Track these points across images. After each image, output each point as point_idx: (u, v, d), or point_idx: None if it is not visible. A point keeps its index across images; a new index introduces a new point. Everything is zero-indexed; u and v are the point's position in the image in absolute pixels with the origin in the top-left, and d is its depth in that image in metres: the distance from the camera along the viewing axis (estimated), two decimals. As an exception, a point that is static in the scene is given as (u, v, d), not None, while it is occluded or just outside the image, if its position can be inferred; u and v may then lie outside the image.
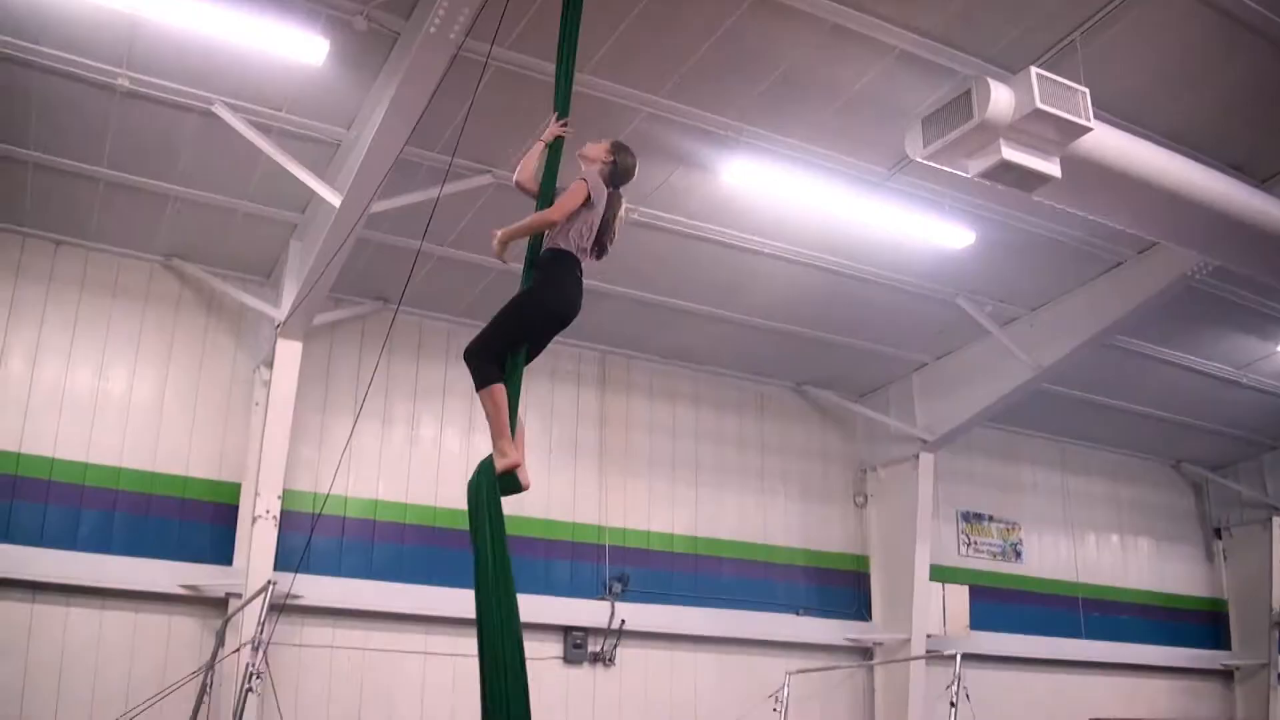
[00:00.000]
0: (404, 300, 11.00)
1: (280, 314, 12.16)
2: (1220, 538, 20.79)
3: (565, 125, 6.61)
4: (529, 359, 6.30)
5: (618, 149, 6.76)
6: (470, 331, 14.56)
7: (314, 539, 11.56)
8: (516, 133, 10.68)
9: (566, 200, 6.31)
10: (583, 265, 6.40)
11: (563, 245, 6.31)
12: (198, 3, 8.78)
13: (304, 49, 9.32)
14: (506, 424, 5.94)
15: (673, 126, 10.72)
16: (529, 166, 6.66)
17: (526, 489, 6.06)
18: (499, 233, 6.36)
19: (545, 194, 6.47)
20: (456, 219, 11.92)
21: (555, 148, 6.59)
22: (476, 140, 10.49)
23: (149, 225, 12.36)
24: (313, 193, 10.88)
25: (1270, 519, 19.93)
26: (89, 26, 9.25)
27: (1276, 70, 9.90)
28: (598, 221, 6.48)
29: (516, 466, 5.92)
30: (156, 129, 10.69)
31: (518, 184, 6.77)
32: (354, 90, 10.17)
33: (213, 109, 10.22)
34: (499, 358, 6.04)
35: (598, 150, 6.68)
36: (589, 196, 6.35)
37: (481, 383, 5.97)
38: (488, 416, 6.01)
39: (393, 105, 9.34)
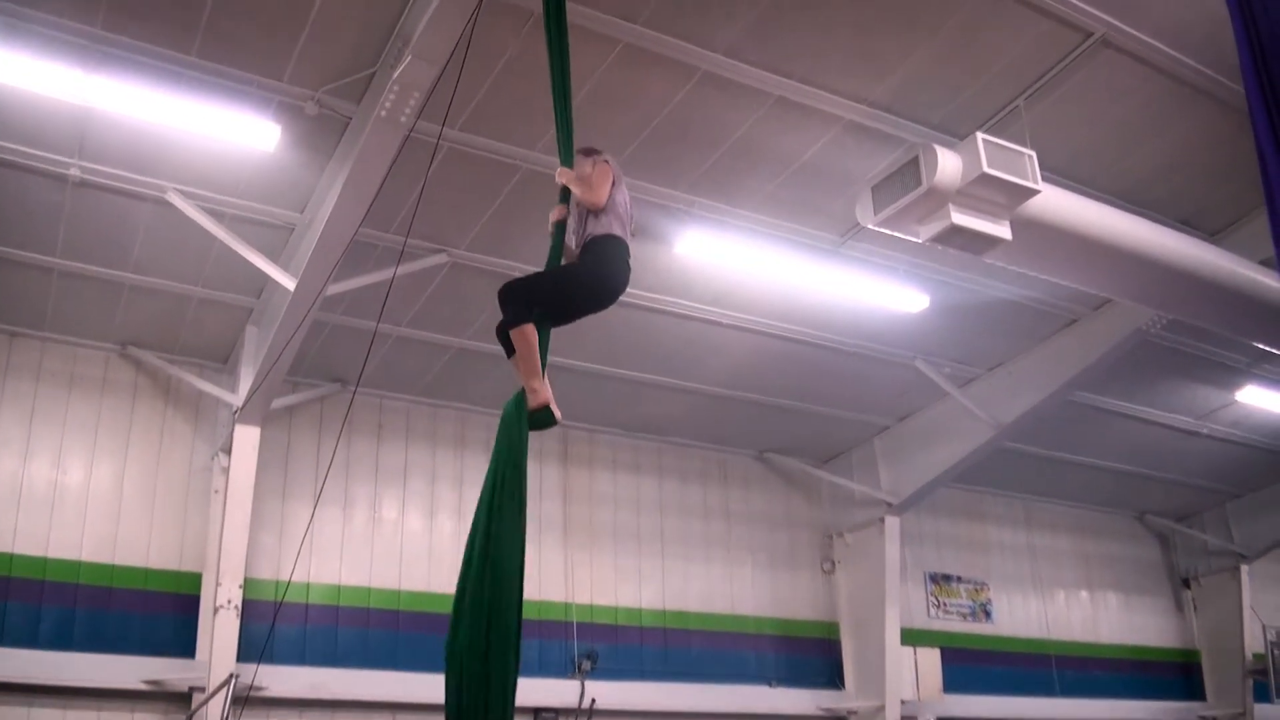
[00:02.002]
0: (362, 381, 10.98)
1: (238, 399, 12.08)
2: (1189, 588, 20.84)
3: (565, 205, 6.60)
4: (556, 324, 6.37)
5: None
6: (430, 411, 14.55)
7: (277, 627, 11.39)
8: (470, 212, 10.74)
9: (599, 182, 6.45)
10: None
11: (616, 231, 6.41)
12: (149, 92, 8.80)
13: (256, 135, 9.36)
14: (538, 362, 6.02)
15: (626, 200, 10.78)
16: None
17: (558, 422, 6.12)
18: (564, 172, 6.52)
19: (556, 240, 6.53)
20: (413, 299, 11.92)
21: (560, 227, 6.61)
22: (430, 220, 10.54)
23: (104, 314, 12.28)
24: (268, 277, 10.87)
25: (1238, 567, 20.03)
26: (40, 118, 9.24)
27: (1221, 126, 10.09)
28: (630, 201, 6.69)
29: (548, 403, 5.98)
30: (110, 218, 10.66)
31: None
32: (307, 174, 10.20)
33: (166, 196, 10.21)
34: (529, 306, 6.09)
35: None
36: (615, 177, 6.55)
37: (514, 320, 6.03)
38: (518, 356, 6.06)
39: (346, 188, 9.36)
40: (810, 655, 16.42)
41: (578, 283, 6.36)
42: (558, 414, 6.05)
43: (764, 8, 8.65)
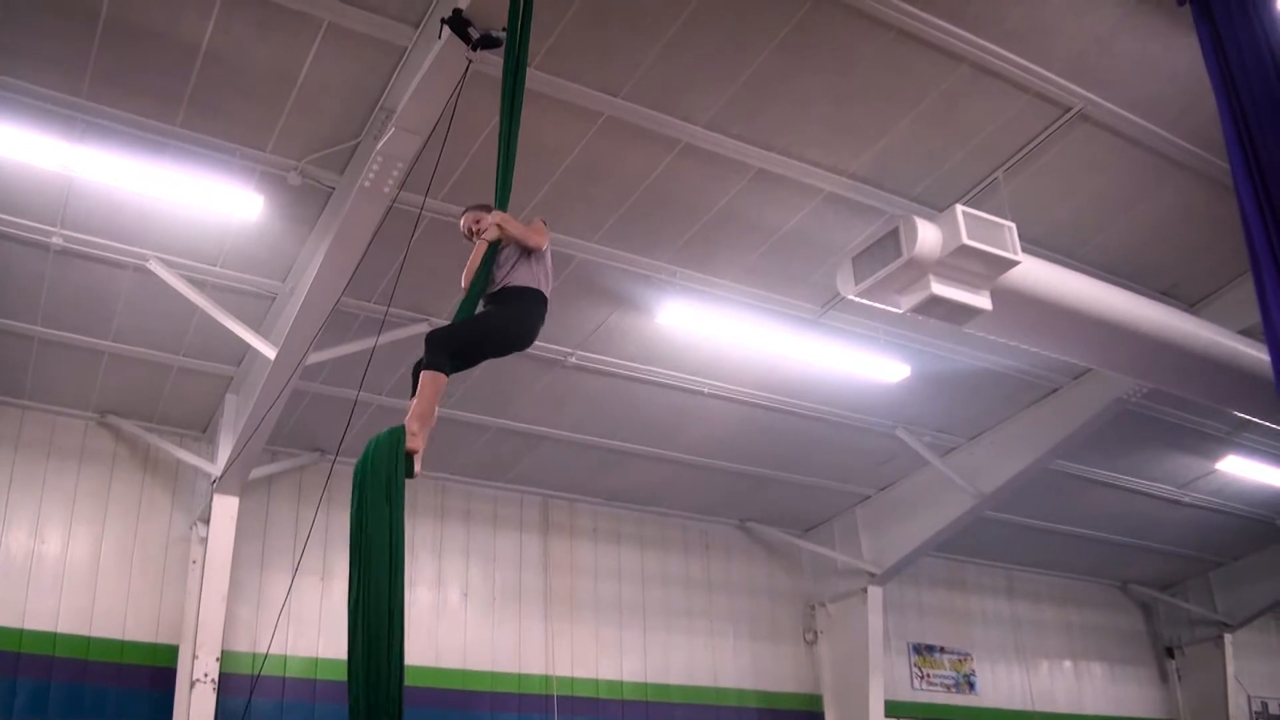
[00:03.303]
0: (342, 451, 10.87)
1: (216, 469, 12.00)
2: (1173, 657, 20.72)
3: (501, 227, 6.48)
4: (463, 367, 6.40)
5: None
6: (409, 481, 14.34)
7: (253, 701, 11.23)
8: (452, 282, 10.65)
9: (540, 233, 6.54)
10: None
11: (540, 286, 6.47)
12: (132, 161, 8.82)
13: (238, 205, 9.39)
14: (433, 411, 6.05)
15: (608, 271, 10.83)
16: (472, 269, 6.57)
17: (415, 477, 5.93)
18: (500, 221, 6.40)
19: (474, 292, 6.45)
20: (393, 368, 11.86)
21: (493, 247, 6.51)
22: (412, 289, 10.53)
23: (84, 382, 12.21)
24: (248, 346, 10.84)
25: (1222, 636, 19.95)
26: (23, 186, 9.25)
27: (1199, 198, 10.24)
28: (552, 268, 6.70)
29: (416, 452, 5.89)
30: (91, 286, 10.64)
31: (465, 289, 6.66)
32: (289, 243, 10.21)
33: (147, 265, 10.20)
34: (452, 356, 6.15)
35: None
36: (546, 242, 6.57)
37: (433, 365, 6.06)
38: (421, 398, 6.02)
39: (328, 258, 9.37)
40: (794, 728, 16.25)
41: (497, 331, 6.42)
42: (418, 468, 5.95)
43: (744, 82, 8.74)
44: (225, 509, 12.01)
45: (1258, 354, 10.33)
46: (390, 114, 8.30)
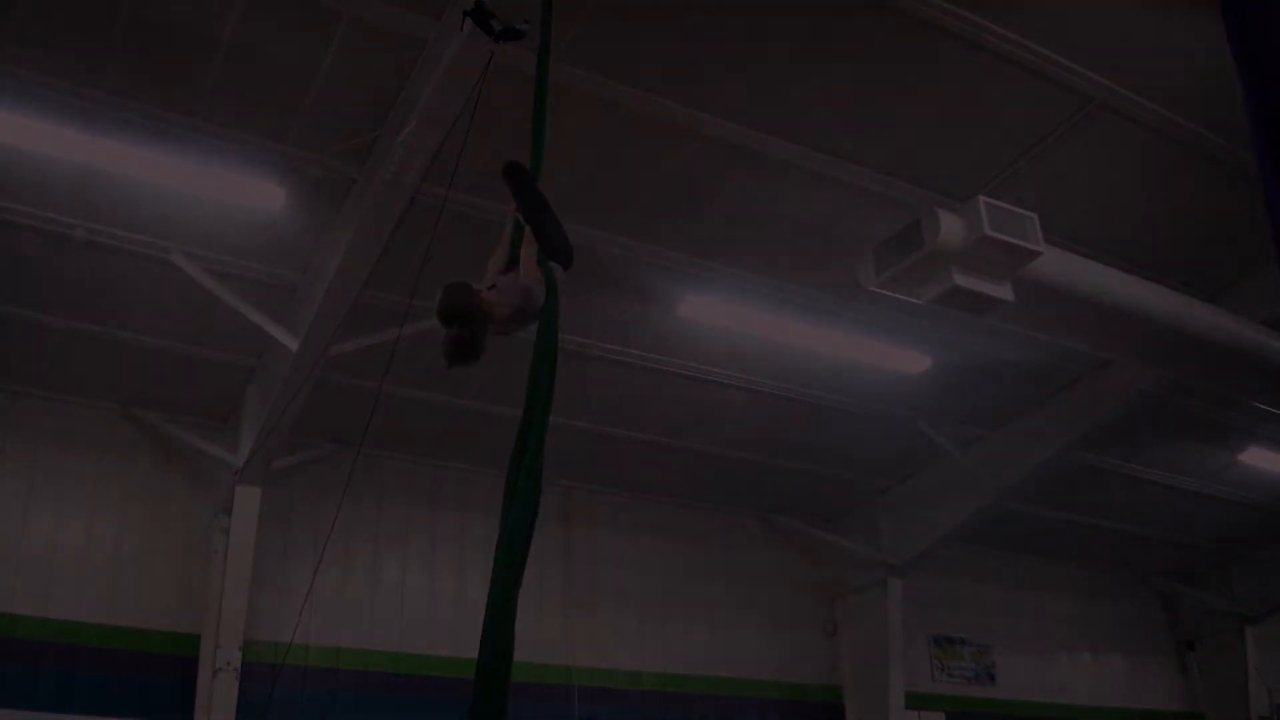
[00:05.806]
0: (364, 442, 10.94)
1: (238, 460, 12.03)
2: (1193, 649, 20.64)
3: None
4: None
5: None
6: (431, 472, 14.38)
7: (275, 690, 11.27)
8: (474, 274, 10.71)
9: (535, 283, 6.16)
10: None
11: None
12: (154, 154, 8.87)
13: (260, 197, 9.43)
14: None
15: (628, 262, 10.82)
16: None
17: None
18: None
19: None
20: (415, 359, 11.86)
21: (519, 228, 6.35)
22: (434, 280, 10.46)
23: (106, 373, 12.26)
24: (270, 337, 10.86)
25: (1242, 629, 19.88)
26: (46, 179, 9.29)
27: (1219, 188, 10.19)
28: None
29: None
30: (113, 278, 10.69)
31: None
32: (310, 235, 10.23)
33: (169, 257, 10.24)
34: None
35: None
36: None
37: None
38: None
39: (350, 249, 9.39)
40: None
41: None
42: None
43: (765, 74, 8.74)
44: (247, 499, 12.06)
45: (1279, 344, 10.29)
46: (412, 106, 8.30)
